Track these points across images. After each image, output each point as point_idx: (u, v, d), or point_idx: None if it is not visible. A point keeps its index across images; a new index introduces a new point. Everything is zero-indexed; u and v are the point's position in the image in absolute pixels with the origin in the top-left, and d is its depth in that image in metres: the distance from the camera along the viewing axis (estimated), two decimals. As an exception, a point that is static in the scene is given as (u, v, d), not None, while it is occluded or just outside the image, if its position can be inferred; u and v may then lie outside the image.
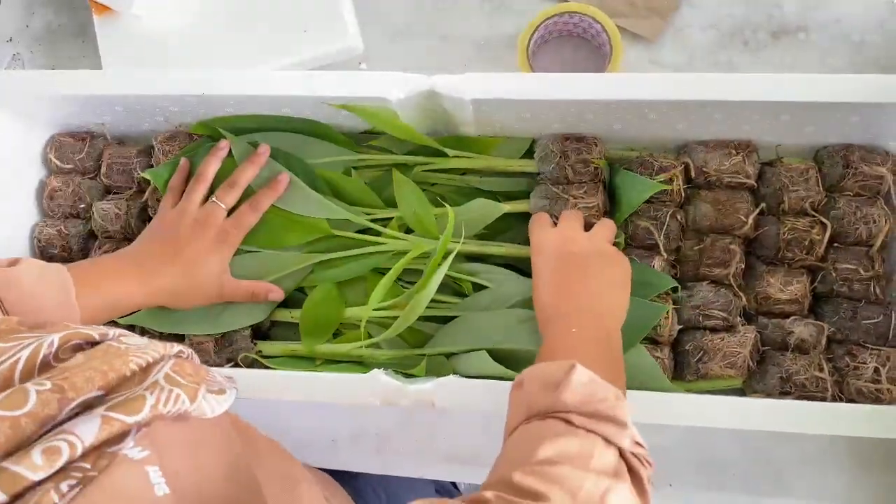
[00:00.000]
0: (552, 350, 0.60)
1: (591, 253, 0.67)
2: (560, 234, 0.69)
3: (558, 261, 0.67)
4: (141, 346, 0.39)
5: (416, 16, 0.89)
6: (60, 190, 0.81)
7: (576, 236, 0.68)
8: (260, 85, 0.70)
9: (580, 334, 0.60)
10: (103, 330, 0.40)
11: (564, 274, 0.66)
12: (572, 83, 0.66)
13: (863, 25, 0.82)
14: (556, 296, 0.65)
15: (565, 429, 0.49)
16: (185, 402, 0.37)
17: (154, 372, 0.38)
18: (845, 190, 0.71)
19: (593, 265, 0.66)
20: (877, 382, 0.67)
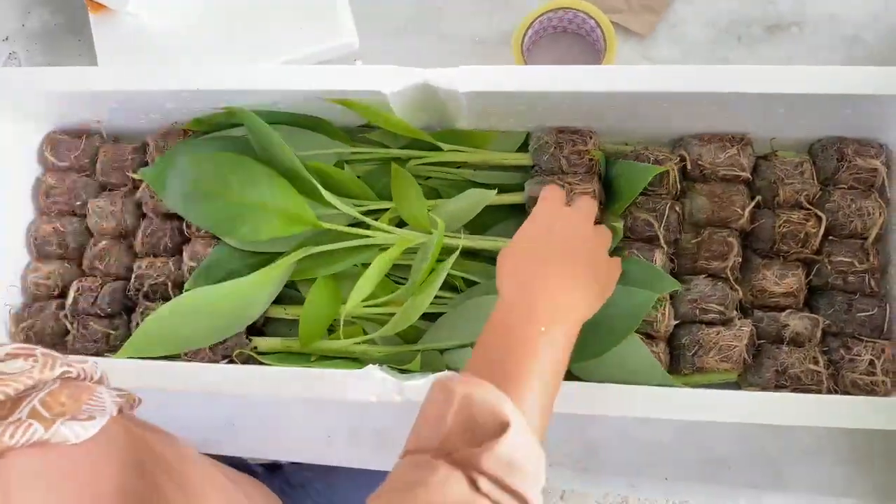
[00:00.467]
0: (506, 346, 0.55)
1: (567, 241, 0.62)
2: (571, 212, 0.65)
3: (549, 235, 0.63)
4: (15, 374, 0.38)
5: (412, 13, 0.90)
6: (56, 187, 0.81)
7: (555, 218, 0.64)
8: (255, 79, 0.70)
9: (544, 339, 0.55)
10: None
11: (531, 262, 0.61)
12: (566, 75, 0.66)
13: (857, 20, 0.82)
14: (519, 282, 0.60)
15: (467, 495, 0.45)
16: (39, 431, 0.36)
17: (25, 402, 0.37)
18: (840, 183, 0.72)
19: (568, 256, 0.61)
20: (872, 375, 0.67)
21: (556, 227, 0.63)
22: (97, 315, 0.77)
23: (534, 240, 0.63)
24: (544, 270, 0.60)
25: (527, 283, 0.59)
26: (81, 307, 0.77)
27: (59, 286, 0.79)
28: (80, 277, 0.79)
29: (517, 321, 0.56)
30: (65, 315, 0.77)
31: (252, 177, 0.74)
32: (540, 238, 0.63)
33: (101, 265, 0.79)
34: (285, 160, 0.71)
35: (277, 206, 0.73)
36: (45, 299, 0.80)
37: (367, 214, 0.75)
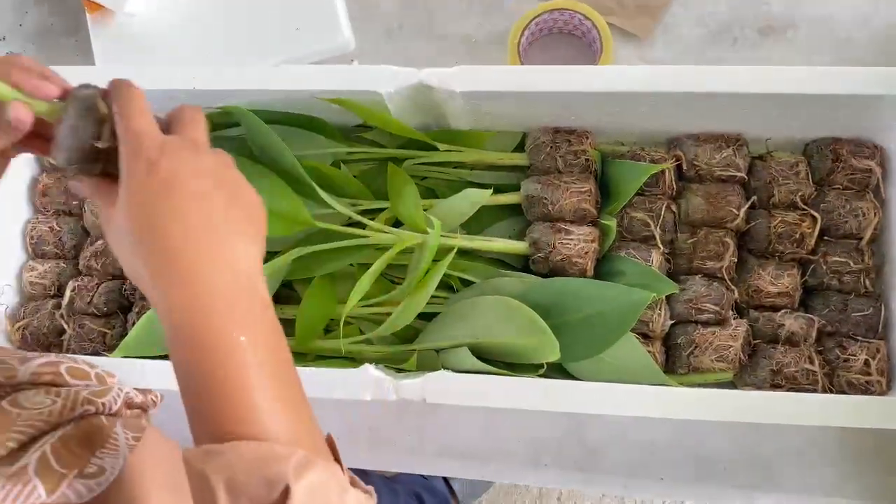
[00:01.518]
0: (204, 371, 0.40)
1: (219, 168, 0.44)
2: (177, 141, 0.43)
3: (162, 176, 0.41)
4: (34, 413, 0.36)
5: (408, 14, 0.90)
6: (53, 187, 0.81)
7: (148, 134, 0.43)
8: (250, 79, 0.70)
9: (248, 347, 0.40)
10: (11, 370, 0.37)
11: (181, 186, 0.41)
12: (562, 75, 0.67)
13: (849, 22, 0.82)
14: (159, 225, 0.41)
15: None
16: (41, 496, 0.34)
17: (31, 450, 0.35)
18: (834, 183, 0.72)
19: (223, 186, 0.44)
20: (867, 374, 0.67)
21: (162, 162, 0.41)
22: (93, 314, 0.77)
23: (145, 189, 0.41)
24: (180, 228, 0.41)
25: (165, 257, 0.40)
26: (78, 306, 0.77)
27: (56, 285, 0.79)
28: (76, 277, 0.79)
29: (188, 324, 0.40)
30: (61, 314, 0.77)
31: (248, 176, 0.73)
32: (152, 184, 0.41)
33: (98, 264, 0.78)
34: (282, 159, 0.71)
35: (273, 206, 0.73)
36: (41, 298, 0.80)
37: (363, 214, 0.75)
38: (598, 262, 0.73)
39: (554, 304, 0.68)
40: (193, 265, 0.40)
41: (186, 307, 0.39)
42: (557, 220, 0.72)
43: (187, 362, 0.40)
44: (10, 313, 0.79)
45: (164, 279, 0.40)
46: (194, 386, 0.40)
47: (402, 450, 0.82)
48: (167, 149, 0.42)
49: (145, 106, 0.44)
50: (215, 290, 0.40)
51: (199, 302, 0.40)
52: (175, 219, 0.40)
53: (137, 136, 0.42)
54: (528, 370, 0.67)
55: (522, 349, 0.66)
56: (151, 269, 0.40)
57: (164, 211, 0.40)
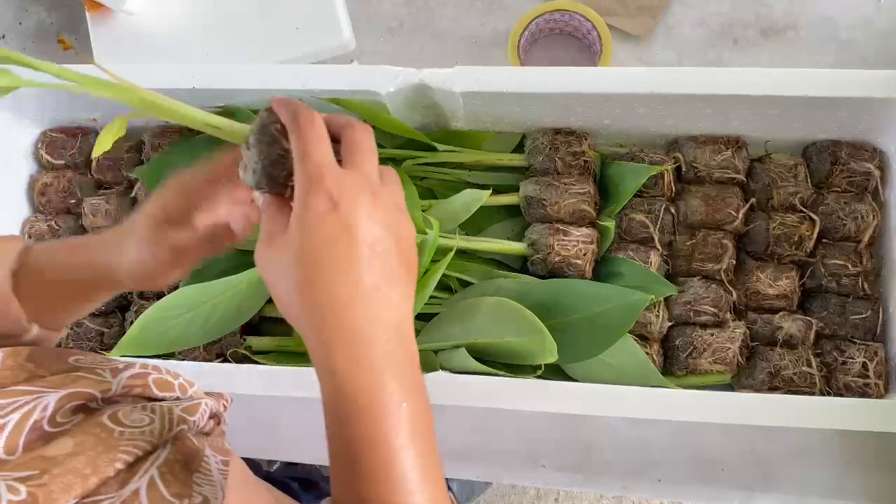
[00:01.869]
0: (354, 441, 0.39)
1: (387, 215, 0.41)
2: (352, 179, 0.40)
3: (343, 227, 0.39)
4: (135, 432, 0.36)
5: (408, 14, 0.90)
6: (51, 185, 0.81)
7: (329, 168, 0.40)
8: (250, 78, 0.70)
9: (406, 414, 0.40)
10: (106, 382, 0.37)
11: (351, 254, 0.39)
12: (562, 76, 0.66)
13: (850, 23, 0.82)
14: (327, 289, 0.39)
15: None
16: None
17: (140, 473, 0.34)
18: (833, 186, 0.72)
19: (389, 236, 0.41)
20: (864, 377, 0.67)
21: (342, 204, 0.39)
22: (91, 313, 0.77)
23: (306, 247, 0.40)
24: (351, 282, 0.39)
25: (331, 309, 0.39)
26: (76, 305, 0.77)
27: (54, 284, 0.79)
28: (74, 276, 0.79)
29: (349, 381, 0.39)
30: (59, 313, 0.77)
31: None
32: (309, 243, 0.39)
33: (96, 263, 0.78)
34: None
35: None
36: (40, 297, 0.79)
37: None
38: (597, 264, 0.73)
39: (552, 304, 0.68)
40: (358, 332, 0.39)
41: (344, 368, 0.39)
42: (556, 222, 0.72)
43: (344, 428, 0.39)
44: (8, 312, 0.79)
45: (327, 332, 0.39)
46: (348, 453, 0.39)
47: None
48: (346, 189, 0.39)
49: (324, 133, 0.41)
50: (378, 359, 0.39)
51: (361, 371, 0.39)
52: (347, 271, 0.39)
53: (317, 168, 0.39)
54: (525, 371, 0.67)
55: (520, 350, 0.66)
56: (316, 318, 0.39)
57: (338, 260, 0.39)
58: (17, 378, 0.36)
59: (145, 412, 0.38)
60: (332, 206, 0.39)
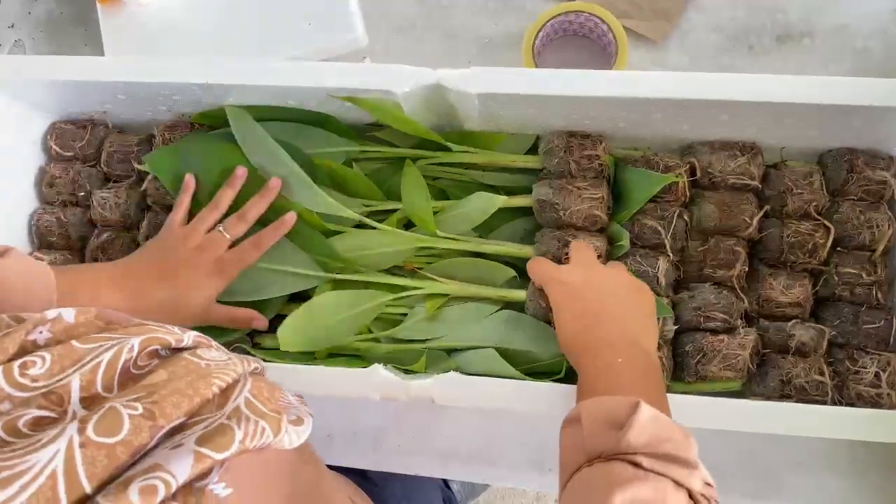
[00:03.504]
0: (594, 382, 0.57)
1: (614, 281, 0.65)
2: (575, 265, 0.66)
3: (583, 295, 0.63)
4: (220, 364, 0.38)
5: (421, 11, 0.89)
6: (60, 177, 0.80)
7: (593, 265, 0.66)
8: (265, 74, 0.70)
9: (623, 364, 0.57)
10: (178, 333, 0.39)
11: (589, 302, 0.63)
12: (579, 79, 0.66)
13: (866, 32, 0.82)
14: (582, 325, 0.62)
15: (633, 473, 0.46)
16: (269, 436, 0.36)
17: (234, 396, 0.37)
18: (849, 194, 0.72)
19: (619, 293, 0.64)
20: (877, 387, 0.67)
21: (594, 278, 0.65)
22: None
23: (580, 298, 0.64)
24: (604, 319, 0.61)
25: (592, 337, 0.61)
26: (83, 299, 0.76)
27: (61, 277, 0.79)
28: (81, 269, 0.78)
29: (601, 366, 0.58)
30: (66, 306, 0.76)
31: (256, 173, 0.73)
32: (587, 293, 0.64)
33: (104, 257, 0.78)
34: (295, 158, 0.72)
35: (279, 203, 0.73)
36: (46, 290, 0.79)
37: (374, 214, 0.75)
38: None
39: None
40: (618, 335, 0.60)
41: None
42: (568, 227, 0.72)
43: (635, 369, 0.57)
44: (14, 304, 0.78)
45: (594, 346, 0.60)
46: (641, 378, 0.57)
47: (406, 451, 0.81)
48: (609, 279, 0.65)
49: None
50: (628, 356, 0.58)
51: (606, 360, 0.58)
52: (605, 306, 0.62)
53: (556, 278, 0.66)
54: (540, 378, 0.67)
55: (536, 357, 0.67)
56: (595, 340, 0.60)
57: (600, 301, 0.63)
58: (91, 330, 0.38)
59: (220, 352, 0.40)
60: (602, 277, 0.65)
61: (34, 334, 0.37)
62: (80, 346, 0.36)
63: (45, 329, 0.37)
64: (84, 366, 0.35)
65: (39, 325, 0.37)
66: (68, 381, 0.34)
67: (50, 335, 0.37)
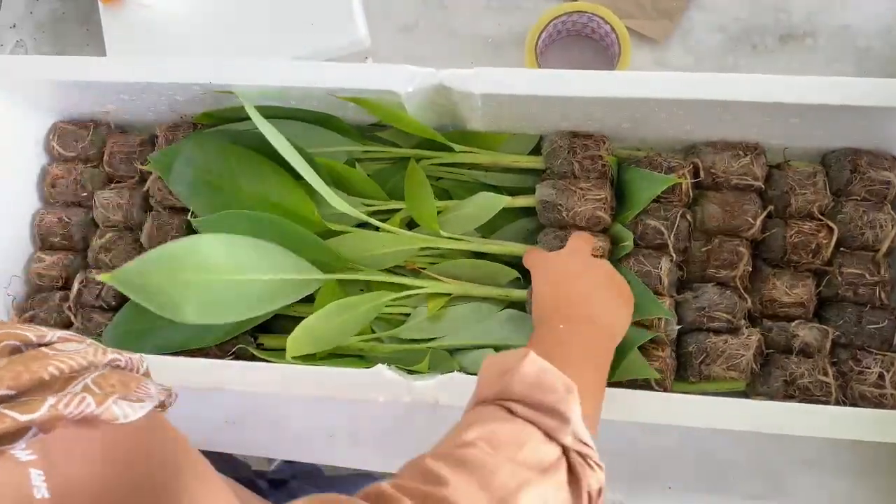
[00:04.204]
0: (536, 346, 0.57)
1: (597, 271, 0.66)
2: (567, 250, 0.68)
3: (560, 274, 0.66)
4: (70, 353, 0.37)
5: (423, 12, 0.89)
6: (62, 178, 0.80)
7: (583, 252, 0.68)
8: (267, 74, 0.70)
9: (569, 333, 0.59)
10: (42, 331, 0.38)
11: (565, 285, 0.64)
12: (582, 80, 0.66)
13: (869, 31, 0.82)
14: (553, 301, 0.63)
15: (503, 416, 0.47)
16: (91, 405, 0.35)
17: (76, 381, 0.36)
18: (852, 194, 0.71)
19: (599, 280, 0.65)
20: (880, 387, 0.67)
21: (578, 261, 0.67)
22: (101, 308, 0.76)
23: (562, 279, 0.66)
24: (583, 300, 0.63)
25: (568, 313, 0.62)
26: (85, 299, 0.76)
27: (63, 277, 0.79)
28: (84, 269, 0.78)
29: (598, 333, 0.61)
30: (68, 307, 0.76)
31: (259, 172, 0.73)
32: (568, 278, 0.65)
33: (107, 257, 0.78)
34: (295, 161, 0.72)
35: (283, 205, 0.73)
36: (49, 290, 0.79)
37: (377, 214, 0.74)
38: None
39: None
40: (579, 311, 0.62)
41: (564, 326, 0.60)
42: (571, 227, 0.72)
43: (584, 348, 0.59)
44: (17, 304, 0.78)
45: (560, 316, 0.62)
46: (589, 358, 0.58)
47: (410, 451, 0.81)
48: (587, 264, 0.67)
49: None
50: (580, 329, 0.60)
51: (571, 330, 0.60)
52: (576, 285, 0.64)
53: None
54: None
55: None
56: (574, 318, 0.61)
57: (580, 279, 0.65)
58: None
59: (82, 344, 0.39)
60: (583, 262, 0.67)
61: None
62: None
63: None
64: None
65: None
66: None
67: None
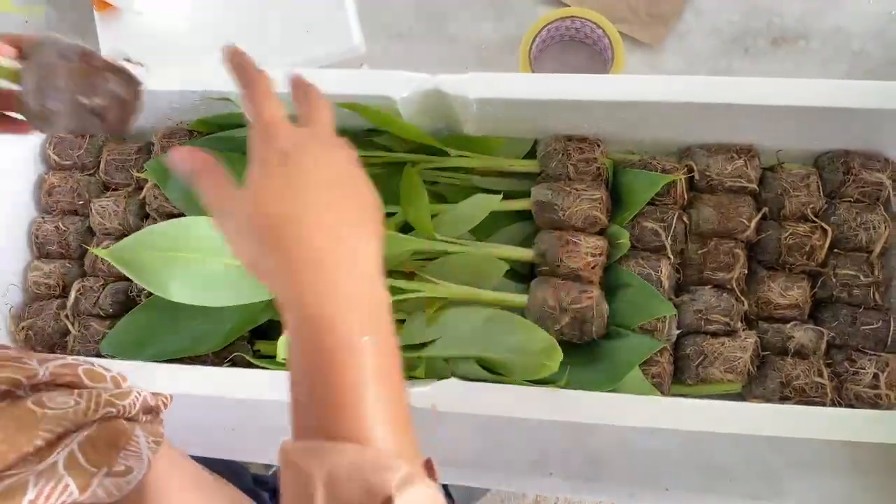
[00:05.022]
0: (314, 366, 0.39)
1: (307, 151, 0.43)
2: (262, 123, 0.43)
3: (285, 170, 0.42)
4: (59, 413, 0.36)
5: (418, 18, 0.90)
6: (59, 186, 0.81)
7: (280, 124, 0.43)
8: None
9: (369, 348, 0.40)
10: (33, 368, 0.37)
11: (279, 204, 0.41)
12: (577, 84, 0.66)
13: (862, 34, 0.82)
14: (280, 235, 0.40)
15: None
16: (74, 493, 0.34)
17: (59, 448, 0.35)
18: (845, 196, 0.72)
19: (314, 181, 0.42)
20: (875, 388, 0.67)
21: (294, 155, 0.42)
22: (99, 315, 0.76)
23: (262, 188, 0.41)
24: (309, 225, 0.41)
25: (292, 252, 0.40)
26: (83, 307, 0.76)
27: (60, 286, 0.79)
28: (81, 277, 0.79)
29: (312, 318, 0.39)
30: (66, 315, 0.76)
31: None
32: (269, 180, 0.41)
33: (104, 265, 0.78)
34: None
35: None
36: (46, 299, 0.79)
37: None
38: (606, 270, 0.72)
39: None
40: (321, 263, 0.40)
41: (311, 303, 0.39)
42: (568, 228, 0.72)
43: (305, 357, 0.39)
44: (14, 313, 0.78)
45: (289, 273, 0.40)
46: (308, 381, 0.39)
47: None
48: (299, 142, 0.42)
49: (272, 89, 0.44)
50: (339, 289, 0.40)
51: (323, 299, 0.39)
52: (305, 214, 0.41)
53: (270, 125, 0.42)
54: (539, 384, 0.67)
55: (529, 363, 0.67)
56: (276, 262, 0.40)
57: (295, 205, 0.40)
58: None
59: (72, 396, 0.37)
60: (286, 158, 0.41)
61: None
62: None
63: None
64: None
65: None
66: None
67: None
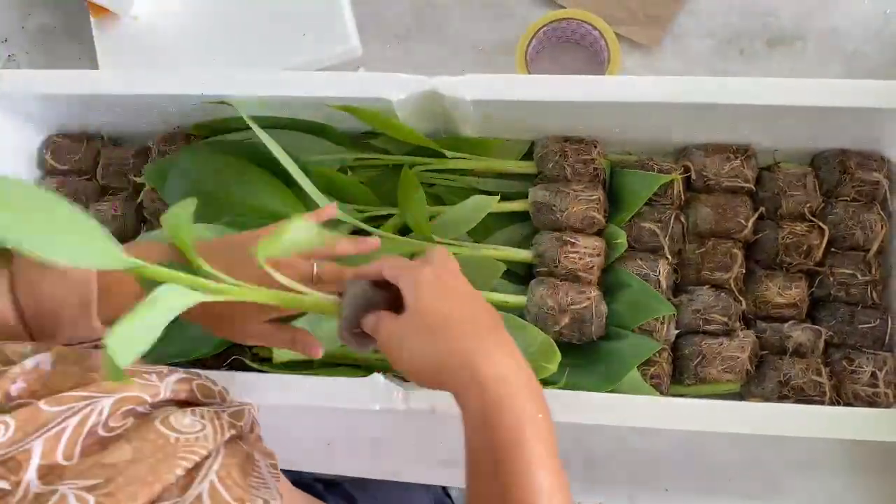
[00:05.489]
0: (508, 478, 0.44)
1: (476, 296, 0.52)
2: (433, 267, 0.51)
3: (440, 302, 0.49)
4: (190, 439, 0.37)
5: (414, 20, 0.90)
6: (57, 190, 0.80)
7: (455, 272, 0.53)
8: (260, 85, 0.70)
9: (543, 424, 0.46)
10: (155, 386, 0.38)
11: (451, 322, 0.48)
12: (574, 85, 0.66)
13: (858, 35, 0.82)
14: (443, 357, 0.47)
15: None
16: None
17: (199, 477, 0.36)
18: (842, 195, 0.72)
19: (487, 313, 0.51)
20: (874, 386, 0.67)
21: (440, 273, 0.51)
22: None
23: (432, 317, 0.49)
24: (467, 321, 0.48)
25: (462, 344, 0.47)
26: (80, 312, 0.76)
27: (58, 290, 0.78)
28: (79, 281, 0.78)
29: (500, 400, 0.45)
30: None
31: (253, 182, 0.73)
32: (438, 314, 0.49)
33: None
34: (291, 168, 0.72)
35: (277, 214, 0.73)
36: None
37: (370, 220, 0.75)
38: (605, 271, 0.72)
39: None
40: (501, 342, 0.47)
41: (492, 383, 0.45)
42: (565, 228, 0.72)
43: (491, 425, 0.44)
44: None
45: (473, 353, 0.46)
46: (490, 451, 0.44)
47: (407, 459, 0.81)
48: (438, 264, 0.51)
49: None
50: (510, 373, 0.46)
51: (503, 375, 0.45)
52: (473, 303, 0.50)
53: (412, 267, 0.51)
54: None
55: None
56: (459, 346, 0.46)
57: (462, 301, 0.49)
58: (66, 382, 0.37)
59: (195, 417, 0.39)
60: (434, 273, 0.49)
61: (11, 385, 0.36)
62: (46, 410, 0.35)
63: (20, 381, 0.37)
64: (48, 431, 0.34)
65: (20, 377, 0.37)
66: (30, 447, 0.33)
67: (24, 386, 0.36)
